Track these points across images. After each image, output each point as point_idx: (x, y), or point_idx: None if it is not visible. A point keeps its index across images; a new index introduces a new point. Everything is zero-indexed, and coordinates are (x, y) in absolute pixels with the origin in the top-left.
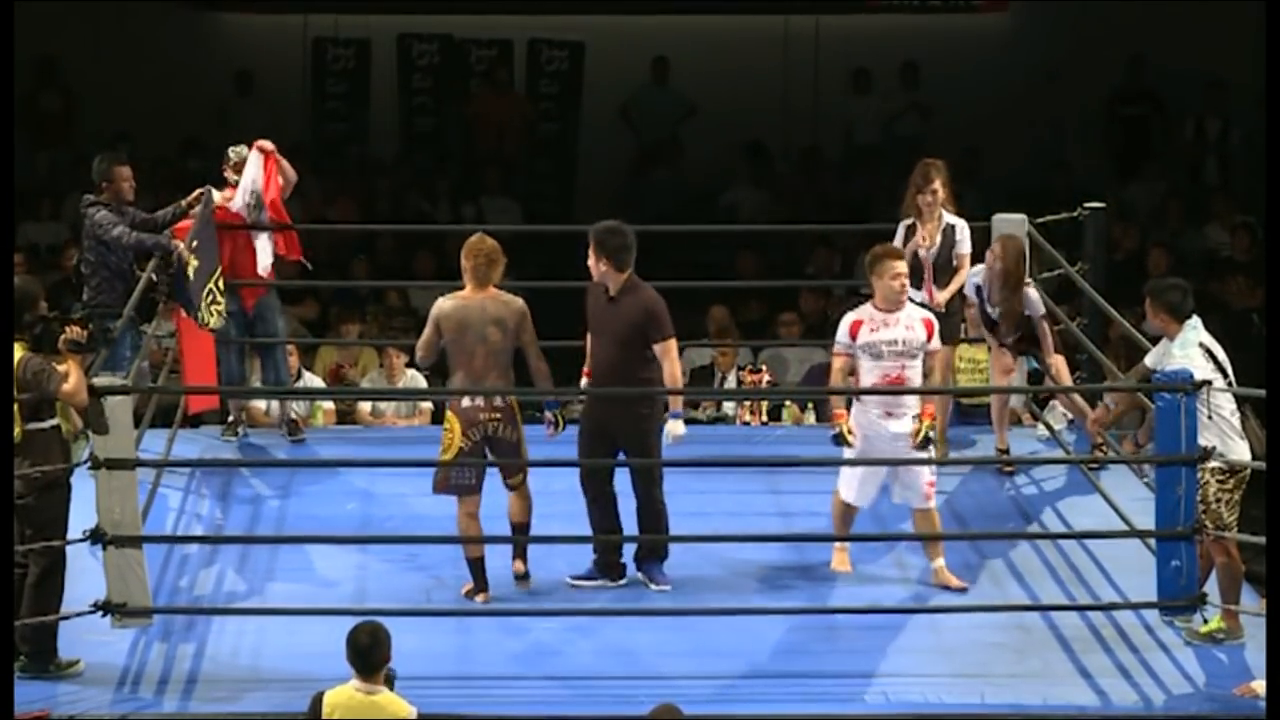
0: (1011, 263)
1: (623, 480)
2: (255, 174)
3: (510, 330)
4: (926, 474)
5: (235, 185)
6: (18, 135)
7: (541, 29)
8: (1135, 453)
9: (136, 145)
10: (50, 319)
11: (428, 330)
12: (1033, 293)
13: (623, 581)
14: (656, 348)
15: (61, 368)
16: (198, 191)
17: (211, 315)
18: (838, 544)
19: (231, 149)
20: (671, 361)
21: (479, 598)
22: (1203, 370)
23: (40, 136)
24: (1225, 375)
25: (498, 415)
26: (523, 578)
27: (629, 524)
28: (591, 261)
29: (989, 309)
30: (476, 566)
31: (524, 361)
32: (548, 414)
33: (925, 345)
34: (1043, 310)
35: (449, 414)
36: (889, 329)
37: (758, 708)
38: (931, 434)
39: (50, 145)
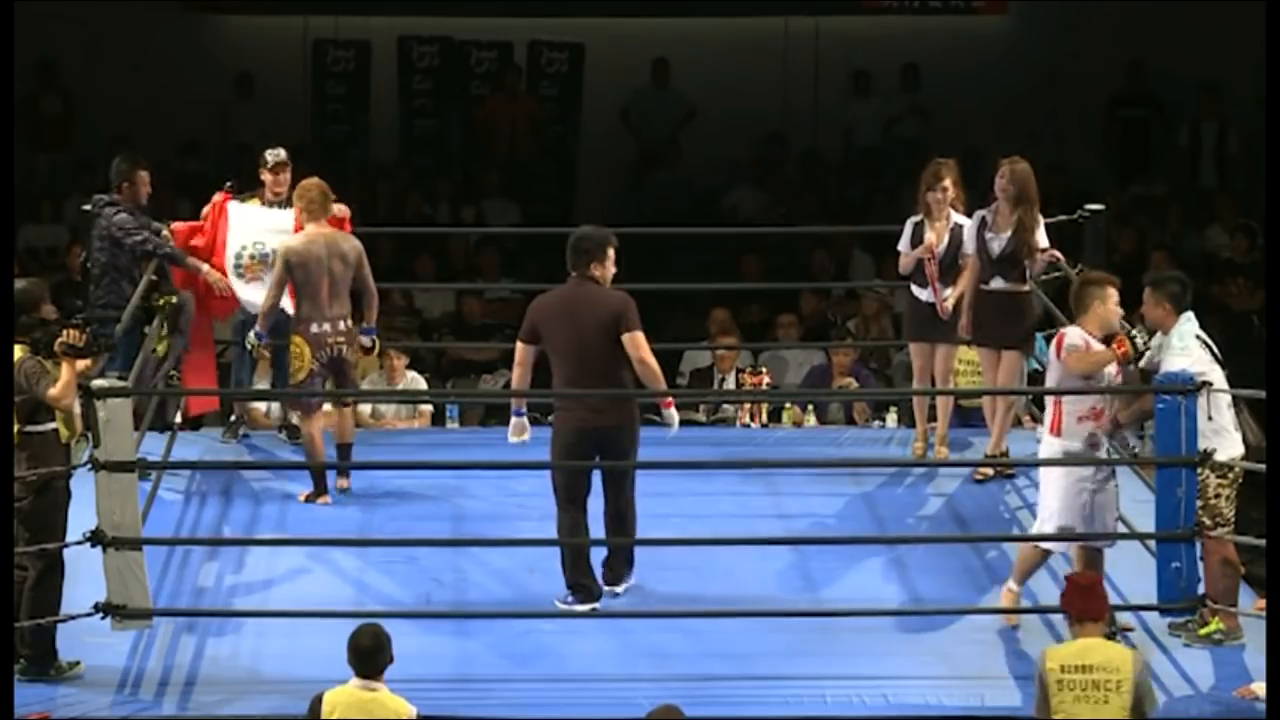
0: (1020, 185)
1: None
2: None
3: (351, 264)
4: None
5: (266, 185)
6: (18, 138)
7: (541, 31)
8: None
9: (136, 148)
10: (51, 322)
11: (277, 270)
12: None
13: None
14: None
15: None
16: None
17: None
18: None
19: (268, 151)
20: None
21: (320, 500)
22: (1201, 362)
23: (41, 139)
24: (1223, 367)
25: (342, 339)
26: (345, 490)
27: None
28: None
29: (989, 239)
30: (318, 473)
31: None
32: (364, 339)
33: None
34: (1046, 244)
35: (298, 339)
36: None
37: (757, 709)
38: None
39: (50, 148)
